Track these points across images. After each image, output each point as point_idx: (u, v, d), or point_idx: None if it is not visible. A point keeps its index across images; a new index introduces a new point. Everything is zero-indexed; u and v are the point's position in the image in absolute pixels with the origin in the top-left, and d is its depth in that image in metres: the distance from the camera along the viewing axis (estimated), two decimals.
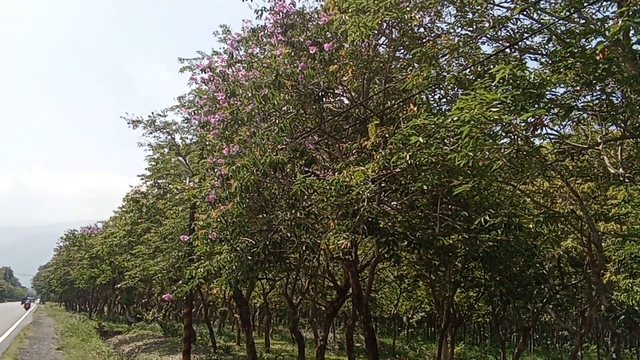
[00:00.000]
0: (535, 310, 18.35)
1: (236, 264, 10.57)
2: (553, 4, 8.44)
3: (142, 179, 27.36)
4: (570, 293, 19.17)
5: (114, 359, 19.70)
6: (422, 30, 10.45)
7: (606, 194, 15.03)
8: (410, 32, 10.17)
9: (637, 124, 7.67)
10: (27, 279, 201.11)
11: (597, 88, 7.31)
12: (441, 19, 10.02)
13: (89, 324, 38.96)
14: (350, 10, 8.94)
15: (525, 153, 7.26)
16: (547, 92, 6.86)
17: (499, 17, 8.43)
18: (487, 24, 8.69)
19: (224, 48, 13.67)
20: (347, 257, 12.57)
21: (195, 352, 19.12)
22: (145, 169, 27.02)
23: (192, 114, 16.27)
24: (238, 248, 10.45)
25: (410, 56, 9.75)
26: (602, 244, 13.56)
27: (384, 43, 11.45)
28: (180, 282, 16.42)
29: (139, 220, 26.52)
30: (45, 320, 49.05)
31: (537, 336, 40.18)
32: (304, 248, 10.55)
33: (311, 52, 9.98)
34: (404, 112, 9.42)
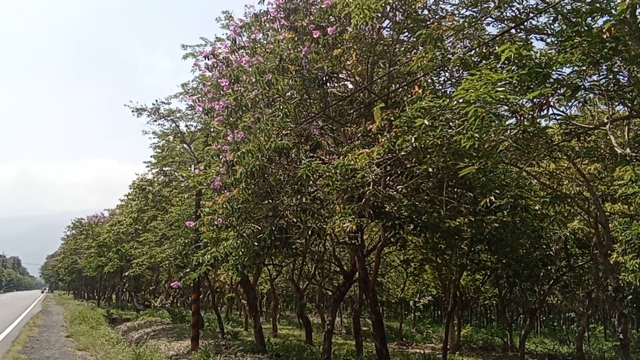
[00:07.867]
0: (542, 292, 18.37)
1: (243, 249, 10.61)
2: None
3: (148, 167, 27.48)
4: (577, 274, 19.15)
5: (122, 345, 19.82)
6: (426, 12, 10.36)
7: (613, 174, 14.93)
8: (414, 14, 10.08)
9: None
10: (35, 269, 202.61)
11: (604, 67, 7.24)
12: (445, 0, 9.93)
13: (97, 312, 39.23)
14: None
15: (531, 134, 7.22)
16: (554, 72, 6.80)
17: None
18: (492, 4, 8.61)
19: (226, 34, 13.58)
20: (353, 241, 12.58)
21: (203, 337, 19.25)
22: (151, 156, 27.14)
23: (196, 101, 16.23)
24: (244, 234, 10.47)
25: (415, 39, 9.68)
26: (609, 224, 13.52)
27: (388, 26, 11.35)
28: (187, 269, 16.50)
29: (145, 208, 26.69)
30: (54, 308, 49.47)
31: (544, 318, 40.26)
32: (310, 233, 10.57)
33: (314, 36, 9.89)
34: (409, 95, 9.37)
